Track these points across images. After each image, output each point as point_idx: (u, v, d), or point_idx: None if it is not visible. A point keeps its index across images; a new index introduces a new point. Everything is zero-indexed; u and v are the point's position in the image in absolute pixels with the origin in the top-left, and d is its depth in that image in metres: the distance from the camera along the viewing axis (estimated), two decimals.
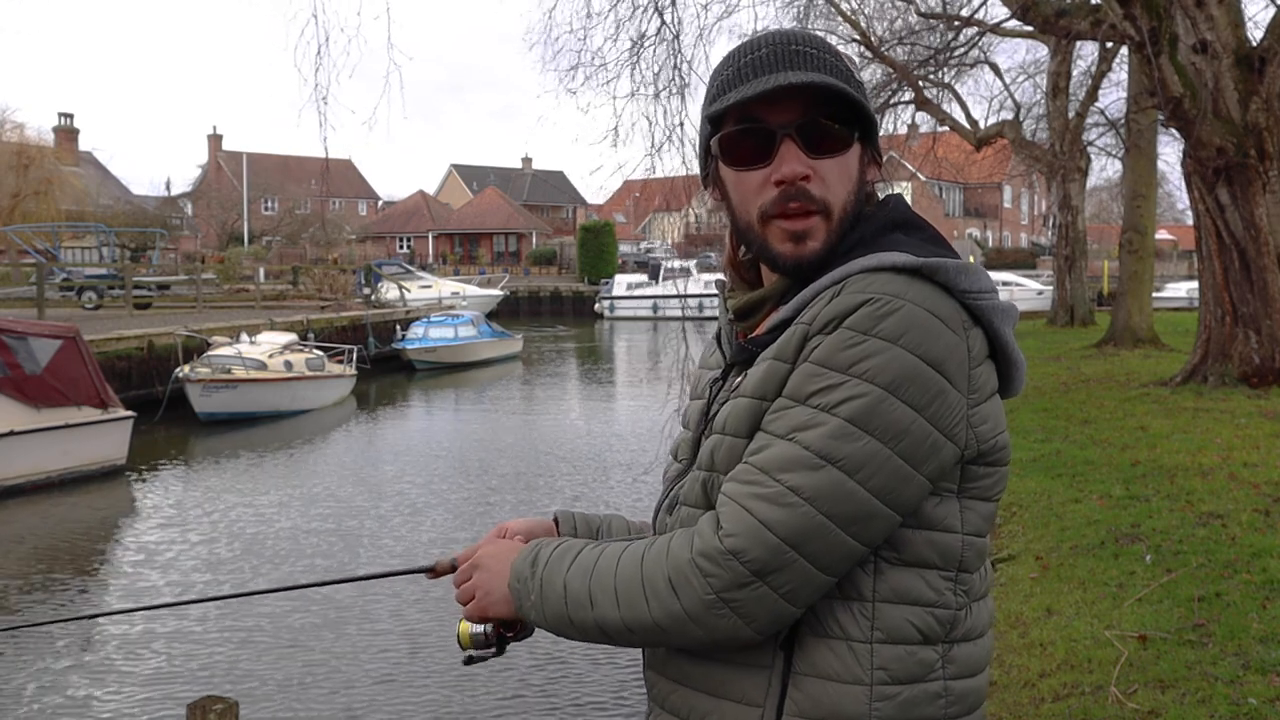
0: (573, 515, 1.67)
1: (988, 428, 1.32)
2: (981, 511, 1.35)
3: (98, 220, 40.77)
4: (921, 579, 1.30)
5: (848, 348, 1.25)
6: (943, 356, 1.26)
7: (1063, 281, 23.71)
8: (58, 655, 7.87)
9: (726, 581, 1.24)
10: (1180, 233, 63.44)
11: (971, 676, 1.35)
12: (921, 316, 1.26)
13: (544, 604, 1.37)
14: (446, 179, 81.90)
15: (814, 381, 1.27)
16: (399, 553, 10.49)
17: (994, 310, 1.32)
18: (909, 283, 1.28)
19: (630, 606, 1.30)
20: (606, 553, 1.35)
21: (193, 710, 3.10)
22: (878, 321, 1.25)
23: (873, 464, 1.24)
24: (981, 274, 1.32)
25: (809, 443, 1.25)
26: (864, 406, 1.24)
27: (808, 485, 1.24)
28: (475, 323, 28.78)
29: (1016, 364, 1.39)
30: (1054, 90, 22.57)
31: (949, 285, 1.29)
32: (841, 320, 1.26)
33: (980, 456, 1.32)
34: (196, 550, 10.69)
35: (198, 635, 8.22)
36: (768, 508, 1.24)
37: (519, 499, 12.87)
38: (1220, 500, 6.52)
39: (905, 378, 1.24)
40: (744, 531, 1.24)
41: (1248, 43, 10.62)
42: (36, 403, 13.14)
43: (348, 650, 7.80)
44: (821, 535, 1.24)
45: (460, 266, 60.06)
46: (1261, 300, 10.51)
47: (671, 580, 1.27)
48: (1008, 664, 4.68)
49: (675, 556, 1.28)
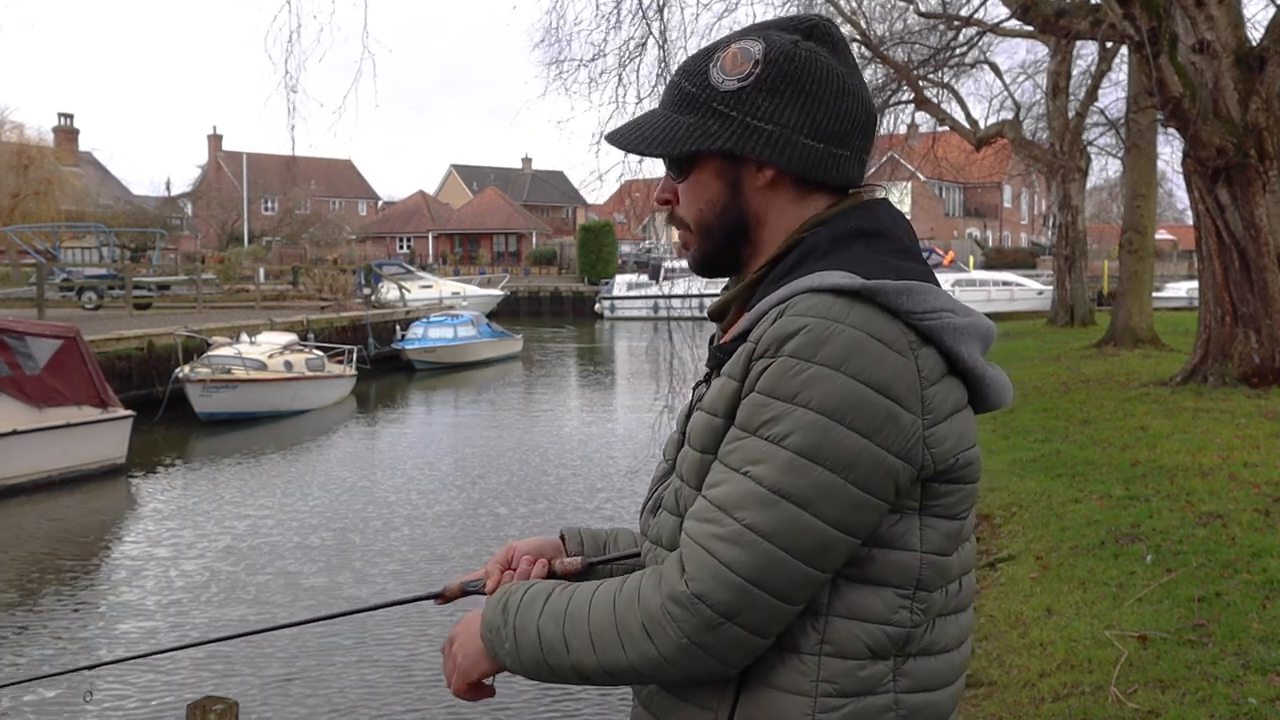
0: (579, 532, 1.67)
1: (947, 447, 1.30)
2: (943, 530, 1.33)
3: (98, 220, 40.77)
4: (877, 596, 1.30)
5: (791, 376, 1.24)
6: (888, 380, 1.24)
7: (1063, 281, 23.70)
8: (58, 655, 7.87)
9: (696, 626, 1.25)
10: (1180, 233, 63.45)
11: (929, 691, 1.34)
12: (863, 340, 1.24)
13: (519, 651, 1.37)
14: (446, 179, 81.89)
15: (762, 412, 1.26)
16: (399, 554, 10.49)
17: (944, 329, 1.29)
18: (849, 306, 1.26)
19: (606, 652, 1.30)
20: (576, 597, 1.35)
21: (193, 710, 3.10)
22: (818, 348, 1.24)
23: (827, 495, 1.23)
24: (928, 293, 1.29)
25: (761, 478, 1.25)
26: (812, 438, 1.23)
27: (764, 522, 1.24)
28: (475, 323, 28.78)
29: (987, 380, 1.36)
30: (1054, 90, 22.56)
31: (891, 307, 1.27)
32: (782, 345, 1.26)
33: (940, 475, 1.30)
34: (197, 549, 10.68)
35: (198, 635, 8.22)
36: (727, 548, 1.24)
37: (518, 498, 12.86)
38: (1220, 500, 6.52)
39: (851, 405, 1.23)
40: (706, 575, 1.24)
41: (1247, 43, 10.61)
42: (37, 402, 13.16)
43: (348, 650, 7.80)
44: (782, 570, 1.24)
45: (460, 267, 60.05)
46: (1261, 300, 10.51)
47: (645, 626, 1.27)
48: (1008, 664, 4.68)
49: (646, 602, 1.28)
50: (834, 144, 1.39)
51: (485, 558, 1.64)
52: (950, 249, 50.42)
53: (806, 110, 1.37)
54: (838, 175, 1.41)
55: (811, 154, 1.38)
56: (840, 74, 1.40)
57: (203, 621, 8.57)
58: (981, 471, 1.39)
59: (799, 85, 1.37)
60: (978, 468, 1.36)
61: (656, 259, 44.10)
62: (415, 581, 9.58)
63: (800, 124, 1.37)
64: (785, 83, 1.37)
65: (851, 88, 1.40)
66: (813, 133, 1.38)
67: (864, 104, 1.42)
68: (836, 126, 1.39)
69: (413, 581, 9.59)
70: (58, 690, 7.22)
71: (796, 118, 1.37)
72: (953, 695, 1.38)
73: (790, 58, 1.38)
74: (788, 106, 1.37)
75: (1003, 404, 1.42)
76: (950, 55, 21.17)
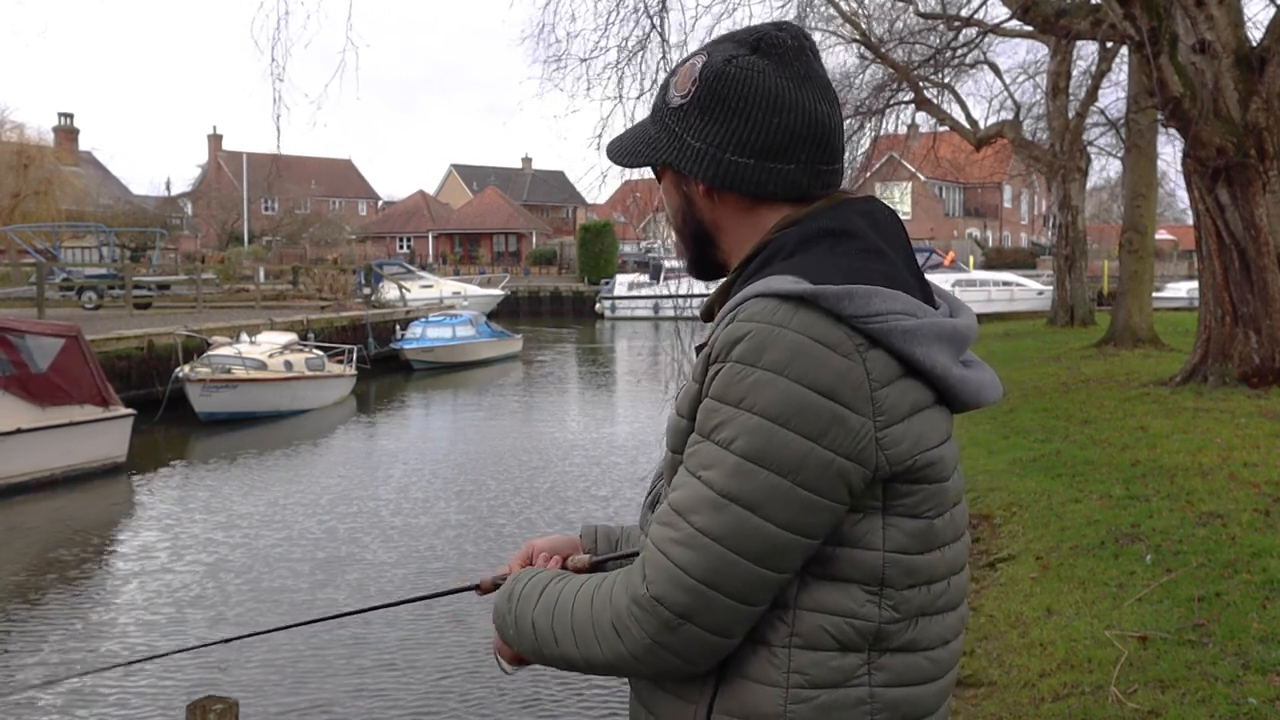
0: (595, 530, 1.72)
1: (904, 448, 1.30)
2: (908, 529, 1.33)
3: (98, 220, 40.76)
4: (843, 591, 1.32)
5: (738, 381, 1.27)
6: (832, 383, 1.25)
7: (1063, 281, 23.70)
8: (58, 654, 7.88)
9: (656, 626, 1.28)
10: (1180, 233, 63.44)
11: (909, 686, 1.35)
12: (805, 345, 1.26)
13: (520, 639, 1.45)
14: (446, 179, 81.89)
15: (713, 417, 1.29)
16: (399, 552, 10.49)
17: (891, 332, 1.29)
18: (793, 311, 1.27)
19: (585, 646, 1.35)
20: (565, 591, 1.41)
21: (193, 710, 3.10)
22: (762, 353, 1.26)
23: (775, 498, 1.25)
24: (873, 297, 1.28)
25: (712, 482, 1.27)
26: (756, 443, 1.25)
27: (714, 526, 1.26)
28: (474, 323, 28.78)
29: (953, 380, 1.35)
30: (1054, 90, 22.55)
31: (834, 311, 1.27)
32: (730, 350, 1.29)
33: (899, 475, 1.31)
34: (198, 548, 10.69)
35: (198, 635, 8.22)
36: (681, 551, 1.27)
37: (518, 498, 12.87)
38: (1220, 500, 6.52)
39: (794, 409, 1.25)
40: (662, 578, 1.28)
41: (1248, 43, 10.61)
42: (40, 401, 13.21)
43: (347, 650, 7.80)
44: (735, 572, 1.26)
45: (460, 266, 60.05)
46: (1261, 300, 10.50)
47: (614, 625, 1.32)
48: (1008, 664, 4.68)
49: (615, 603, 1.32)
50: (768, 158, 1.40)
51: (486, 558, 1.66)
52: (950, 249, 50.38)
53: (732, 128, 1.40)
54: (775, 189, 1.41)
55: (739, 169, 1.41)
56: (778, 89, 1.39)
57: (205, 619, 8.58)
58: (952, 471, 1.38)
59: (726, 103, 1.40)
60: (943, 467, 1.36)
61: (657, 259, 44.11)
62: (418, 580, 9.58)
63: (725, 142, 1.41)
64: (714, 101, 1.41)
65: (791, 101, 1.39)
66: (739, 149, 1.40)
67: (808, 115, 1.40)
68: (768, 141, 1.39)
69: (416, 580, 9.59)
70: (57, 693, 7.23)
71: (722, 135, 1.41)
72: (938, 691, 1.40)
73: (720, 76, 1.40)
74: (714, 124, 1.41)
75: (984, 402, 1.41)
76: (950, 55, 21.19)
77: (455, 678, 7.35)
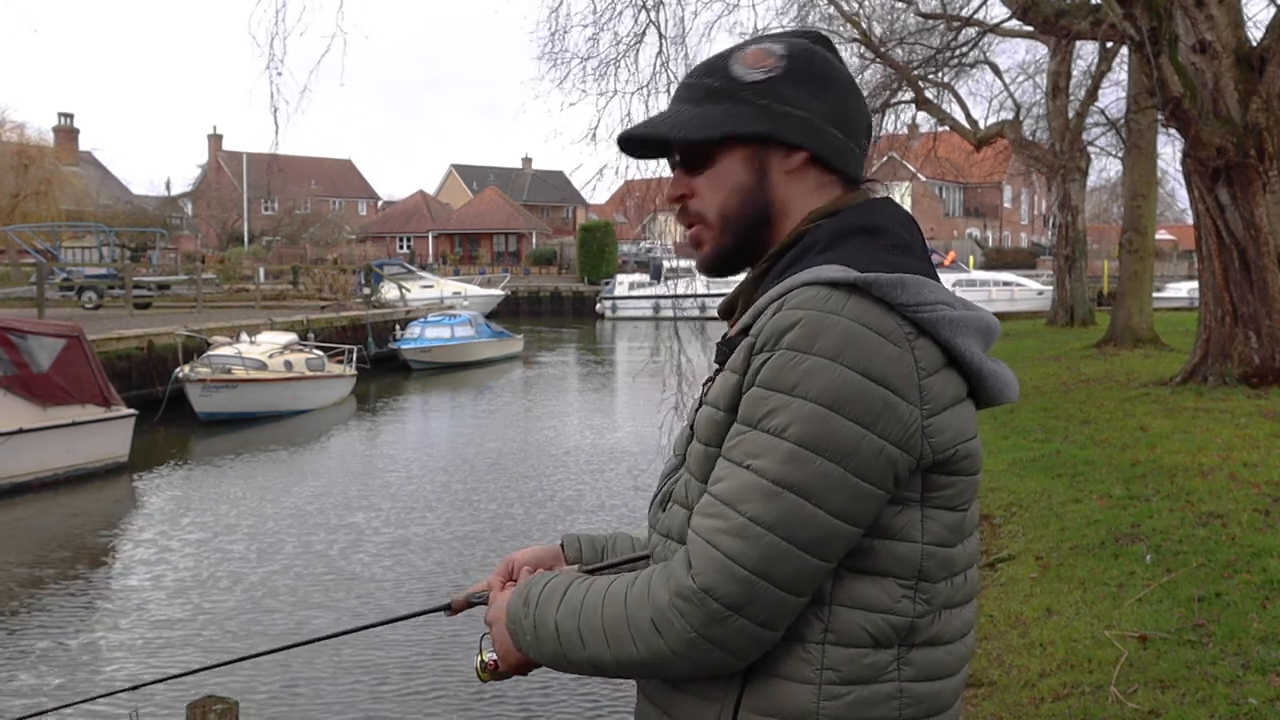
0: (578, 539, 1.70)
1: (946, 437, 1.31)
2: (945, 521, 1.35)
3: (98, 220, 40.76)
4: (879, 586, 1.31)
5: (790, 368, 1.27)
6: (885, 370, 1.26)
7: (1063, 281, 23.69)
8: (58, 654, 7.88)
9: (703, 620, 1.26)
10: (1180, 233, 63.43)
11: (934, 680, 1.35)
12: (859, 332, 1.26)
13: (539, 644, 1.40)
14: (446, 179, 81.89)
15: (762, 405, 1.28)
16: (399, 553, 10.50)
17: (939, 321, 1.31)
18: (845, 298, 1.28)
19: (619, 646, 1.32)
20: (592, 591, 1.38)
21: (193, 710, 3.11)
22: (815, 340, 1.26)
23: (828, 485, 1.25)
24: (924, 286, 1.31)
25: (763, 470, 1.26)
26: (810, 429, 1.25)
27: (767, 514, 1.25)
28: (474, 323, 28.75)
29: (985, 373, 1.38)
30: (1054, 90, 22.55)
31: (886, 299, 1.29)
32: (780, 338, 1.28)
33: (939, 466, 1.32)
34: (201, 548, 10.70)
35: (198, 634, 8.23)
36: (731, 541, 1.26)
37: (518, 498, 12.87)
38: (1220, 500, 6.51)
39: (848, 395, 1.25)
40: (712, 569, 1.26)
41: (1248, 43, 10.61)
42: (43, 401, 13.23)
43: (347, 650, 7.80)
44: (787, 561, 1.25)
45: (460, 266, 60.04)
46: (1261, 300, 10.50)
47: (654, 621, 1.29)
48: (1008, 664, 4.68)
49: (655, 598, 1.30)
50: (850, 137, 1.47)
51: (487, 558, 1.65)
52: (950, 249, 50.43)
53: (829, 102, 1.45)
54: (853, 167, 1.47)
55: (837, 143, 1.46)
56: (849, 75, 1.50)
57: (207, 620, 8.58)
58: (980, 464, 1.40)
59: (820, 79, 1.46)
60: (978, 460, 1.38)
61: (657, 259, 44.11)
62: (417, 585, 9.58)
63: (825, 113, 1.45)
64: (809, 76, 1.45)
65: (857, 89, 1.50)
66: (836, 123, 1.46)
67: (866, 107, 1.53)
68: (852, 120, 1.47)
69: (414, 585, 9.59)
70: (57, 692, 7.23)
71: (821, 108, 1.45)
72: (956, 686, 1.40)
73: (811, 55, 1.47)
74: (813, 97, 1.45)
75: (1006, 399, 1.43)
76: (950, 55, 21.16)
77: (458, 672, 7.34)
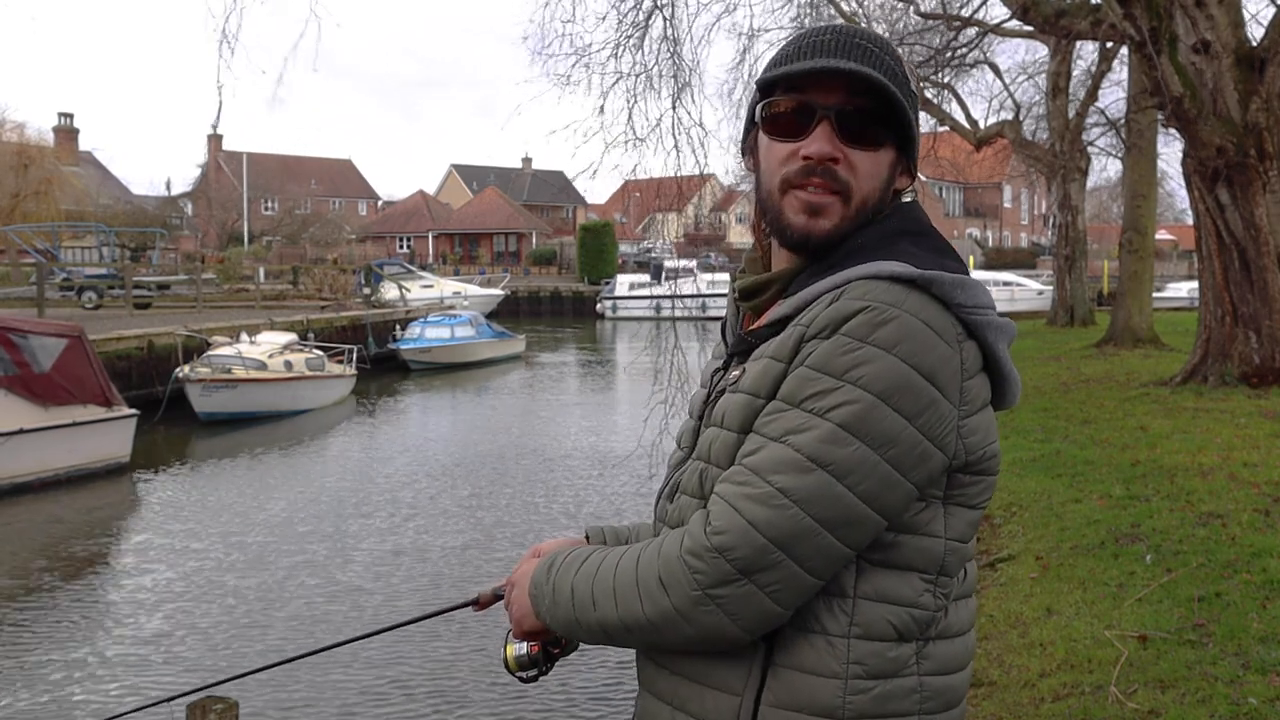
0: (602, 530, 1.71)
1: (977, 439, 1.34)
2: (965, 518, 1.38)
3: (98, 220, 40.77)
4: (903, 580, 1.33)
5: (844, 354, 1.28)
6: (935, 367, 1.29)
7: (1063, 281, 23.70)
8: (58, 655, 7.87)
9: (713, 578, 1.27)
10: (1180, 233, 63.42)
11: (948, 674, 1.37)
12: (916, 327, 1.28)
13: (555, 608, 1.42)
14: (446, 179, 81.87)
15: (809, 386, 1.29)
16: (401, 553, 10.49)
17: (988, 325, 1.35)
18: (906, 293, 1.30)
19: (626, 605, 1.33)
20: (609, 556, 1.39)
21: (193, 710, 3.10)
22: (874, 329, 1.28)
23: (862, 469, 1.26)
24: (978, 289, 1.34)
25: (801, 445, 1.27)
26: (856, 413, 1.26)
27: (797, 488, 1.26)
28: (474, 323, 28.72)
29: (1010, 379, 1.41)
30: (1054, 90, 22.55)
31: (945, 298, 1.32)
32: (838, 326, 1.29)
33: (968, 466, 1.35)
34: (203, 548, 10.70)
35: (199, 635, 8.23)
36: (757, 508, 1.27)
37: (518, 498, 12.87)
38: (1220, 500, 6.51)
39: (898, 386, 1.27)
40: (732, 530, 1.27)
41: (1248, 42, 10.60)
42: (44, 401, 13.22)
43: (346, 649, 7.79)
44: (809, 538, 1.26)
45: (460, 266, 60.03)
46: (1261, 300, 10.50)
47: (662, 577, 1.30)
48: (1008, 664, 4.68)
49: (666, 555, 1.31)
50: None
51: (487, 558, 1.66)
52: None
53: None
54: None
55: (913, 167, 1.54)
56: None
57: (210, 621, 8.57)
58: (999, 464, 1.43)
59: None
60: (999, 461, 1.41)
61: (657, 259, 44.10)
62: (423, 582, 9.58)
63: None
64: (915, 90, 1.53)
65: None
66: None
67: None
68: None
69: (420, 582, 9.59)
70: (58, 693, 7.23)
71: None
72: (966, 679, 1.42)
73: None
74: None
75: (1013, 404, 1.46)
76: (950, 55, 21.16)
77: (458, 672, 7.34)
